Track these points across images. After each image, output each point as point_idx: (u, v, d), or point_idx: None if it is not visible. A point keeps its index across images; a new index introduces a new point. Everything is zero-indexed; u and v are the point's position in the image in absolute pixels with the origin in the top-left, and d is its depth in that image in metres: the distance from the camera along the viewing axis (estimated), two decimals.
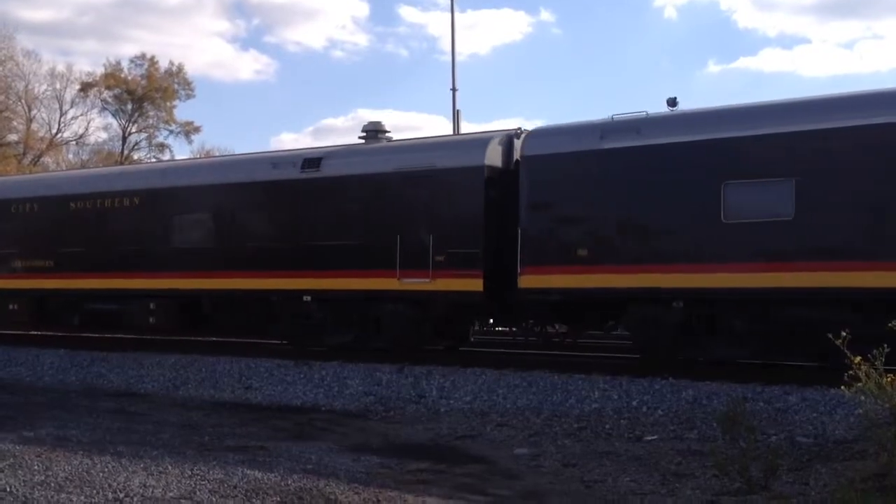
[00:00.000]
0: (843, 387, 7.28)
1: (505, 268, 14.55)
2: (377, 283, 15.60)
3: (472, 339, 17.29)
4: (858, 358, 7.22)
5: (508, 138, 15.46)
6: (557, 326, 15.65)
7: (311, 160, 16.94)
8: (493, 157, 15.08)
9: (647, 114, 14.22)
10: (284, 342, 17.41)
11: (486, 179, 14.87)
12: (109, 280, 18.84)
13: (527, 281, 14.28)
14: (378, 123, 17.97)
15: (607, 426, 11.02)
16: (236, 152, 49.44)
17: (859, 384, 7.13)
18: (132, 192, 19.03)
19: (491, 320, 16.89)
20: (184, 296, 18.00)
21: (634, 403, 11.95)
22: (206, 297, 17.94)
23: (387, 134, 17.93)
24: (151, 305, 18.46)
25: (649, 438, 10.30)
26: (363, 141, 17.82)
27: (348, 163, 16.73)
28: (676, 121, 14.02)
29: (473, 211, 14.92)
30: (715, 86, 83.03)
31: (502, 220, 14.78)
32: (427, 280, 15.06)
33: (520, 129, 15.63)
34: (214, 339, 19.26)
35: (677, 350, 13.46)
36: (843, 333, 7.33)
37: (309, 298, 16.49)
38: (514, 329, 16.39)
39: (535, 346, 15.77)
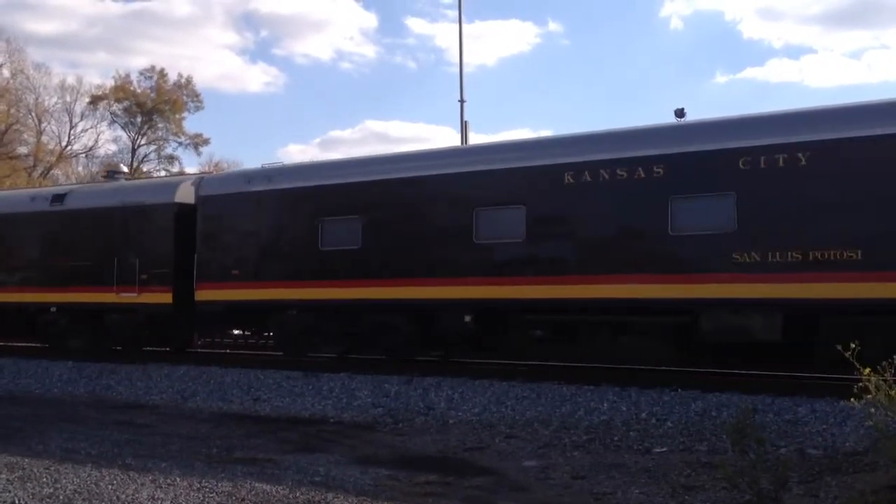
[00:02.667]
0: (852, 399, 7.24)
1: (190, 285, 18.09)
2: (102, 297, 19.21)
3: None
4: (868, 369, 7.18)
5: (201, 180, 19.24)
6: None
7: (59, 196, 20.67)
8: (185, 196, 18.82)
9: (283, 164, 18.98)
10: (46, 345, 20.77)
11: (175, 214, 18.64)
12: None
13: (201, 295, 18.00)
14: (117, 166, 23.29)
15: (616, 438, 10.98)
16: (242, 165, 49.82)
17: (869, 396, 7.08)
18: None
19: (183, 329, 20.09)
20: None
21: (643, 415, 11.91)
22: None
23: (124, 173, 22.71)
24: None
25: (658, 450, 10.26)
26: (105, 180, 22.03)
27: (84, 198, 20.36)
28: (291, 171, 18.28)
29: (166, 239, 18.64)
30: (722, 96, 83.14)
31: (190, 246, 18.26)
32: (135, 294, 18.71)
33: (211, 172, 20.13)
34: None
35: (301, 347, 17.21)
36: (853, 345, 7.28)
37: (55, 309, 20.02)
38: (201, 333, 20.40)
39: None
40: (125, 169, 23.20)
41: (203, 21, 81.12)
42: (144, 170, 56.96)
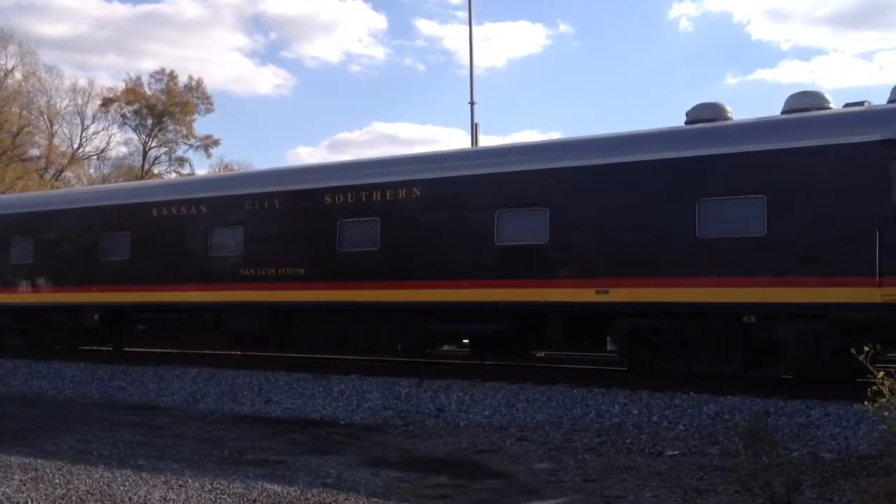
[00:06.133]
0: (866, 402, 7.21)
1: None
2: None
3: None
4: (881, 373, 7.14)
5: None
6: None
7: None
8: None
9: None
10: None
11: None
12: None
13: None
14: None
15: (628, 441, 10.95)
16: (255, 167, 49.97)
17: (883, 399, 7.04)
18: None
19: None
20: None
21: (655, 418, 11.87)
22: None
23: None
24: None
25: (670, 453, 10.23)
26: None
27: None
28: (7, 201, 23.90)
29: None
30: (734, 97, 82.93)
31: None
32: None
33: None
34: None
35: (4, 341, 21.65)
36: (866, 349, 7.25)
37: None
38: None
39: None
40: None
41: (212, 23, 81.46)
42: (156, 172, 57.19)
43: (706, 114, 14.35)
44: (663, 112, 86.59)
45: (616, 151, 14.24)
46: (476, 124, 28.86)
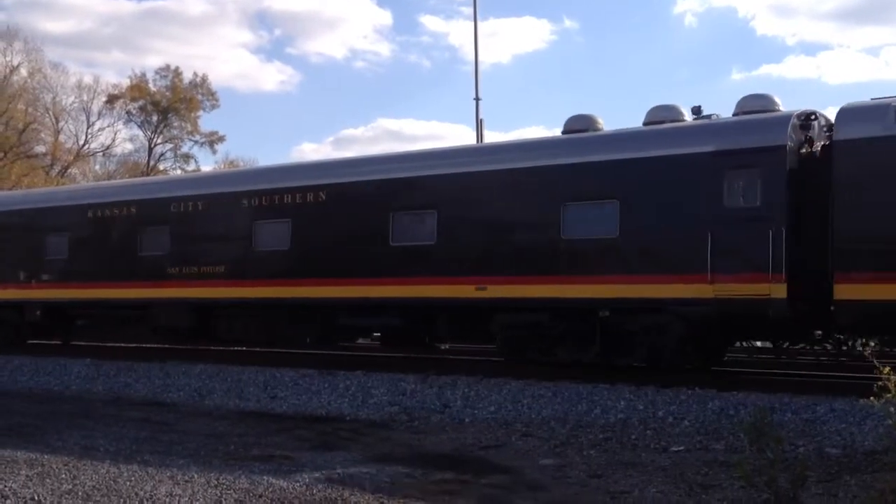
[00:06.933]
0: (872, 398, 7.20)
1: None
2: None
3: None
4: (887, 368, 7.14)
5: None
6: None
7: None
8: None
9: None
10: None
11: None
12: None
13: None
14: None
15: (633, 437, 10.95)
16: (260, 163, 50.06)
17: (889, 395, 7.03)
18: None
19: None
20: None
21: (660, 414, 11.87)
22: None
23: None
24: None
25: (675, 449, 10.23)
26: None
27: None
28: None
29: None
30: (739, 93, 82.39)
31: None
32: None
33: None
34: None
35: None
36: (871, 344, 7.25)
37: None
38: None
39: None
40: None
41: (217, 19, 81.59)
42: (161, 168, 57.25)
43: (578, 125, 15.49)
44: None
45: (494, 159, 15.66)
46: (481, 120, 28.97)
